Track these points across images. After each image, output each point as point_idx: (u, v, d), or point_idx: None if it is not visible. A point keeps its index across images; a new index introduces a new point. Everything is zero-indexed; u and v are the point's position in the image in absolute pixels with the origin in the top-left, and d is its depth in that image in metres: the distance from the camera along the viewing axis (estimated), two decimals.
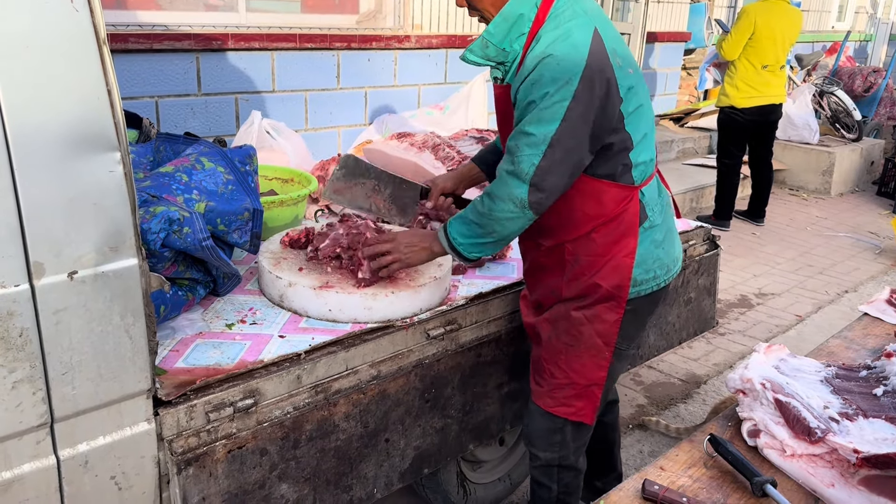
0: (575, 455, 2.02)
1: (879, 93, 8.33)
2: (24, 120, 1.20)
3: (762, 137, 5.77)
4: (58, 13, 1.20)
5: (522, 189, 1.69)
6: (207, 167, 1.94)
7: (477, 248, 1.81)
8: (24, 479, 1.32)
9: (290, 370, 1.67)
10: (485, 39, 1.74)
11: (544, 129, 1.65)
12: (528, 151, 1.67)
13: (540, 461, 2.02)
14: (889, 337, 2.15)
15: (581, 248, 1.84)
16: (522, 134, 1.68)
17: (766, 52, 5.43)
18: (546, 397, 1.94)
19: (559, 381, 1.91)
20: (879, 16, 12.27)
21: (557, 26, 1.68)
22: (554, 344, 1.90)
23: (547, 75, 1.63)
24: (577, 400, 1.91)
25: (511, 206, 1.71)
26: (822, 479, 1.46)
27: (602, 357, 1.87)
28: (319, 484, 1.76)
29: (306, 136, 4.37)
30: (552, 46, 1.65)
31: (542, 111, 1.65)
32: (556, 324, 1.90)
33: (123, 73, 3.74)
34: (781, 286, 5.00)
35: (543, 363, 1.93)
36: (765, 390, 1.59)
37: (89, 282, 1.31)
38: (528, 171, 1.68)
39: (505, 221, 1.74)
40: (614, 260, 1.83)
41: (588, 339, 1.86)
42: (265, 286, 2.00)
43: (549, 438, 1.98)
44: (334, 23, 4.77)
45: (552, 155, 1.66)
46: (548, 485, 2.06)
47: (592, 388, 1.90)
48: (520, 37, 1.72)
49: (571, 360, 1.88)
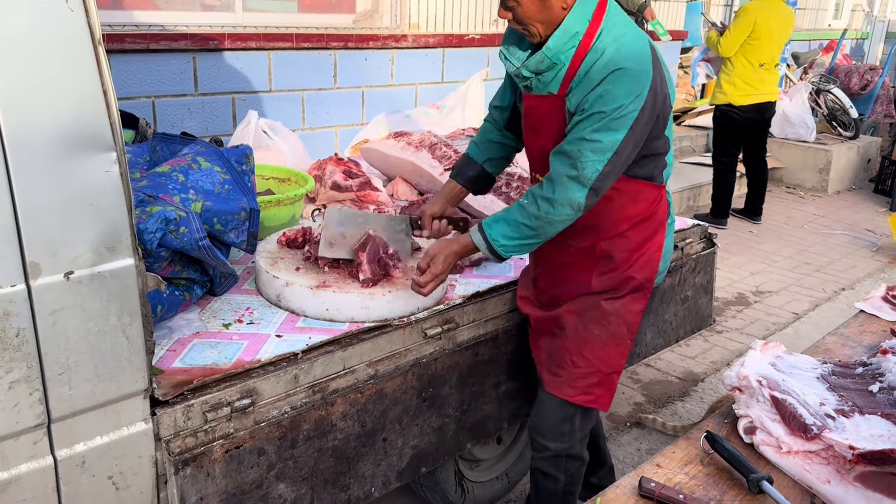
0: (581, 444, 2.08)
1: (876, 90, 8.34)
2: (20, 120, 1.19)
3: (757, 135, 5.80)
4: (53, 14, 1.20)
5: (582, 193, 1.74)
6: (204, 167, 1.94)
7: (520, 249, 1.86)
8: (21, 479, 1.32)
9: (287, 370, 1.67)
10: (544, 55, 1.77)
11: (612, 136, 1.70)
12: (594, 157, 1.71)
13: (549, 451, 2.06)
14: (885, 334, 2.16)
15: (616, 245, 1.93)
16: (587, 141, 1.72)
17: (763, 50, 5.46)
18: (566, 387, 1.98)
19: (582, 370, 1.96)
20: (876, 14, 12.29)
21: (616, 38, 1.73)
22: (580, 334, 1.96)
23: (621, 88, 1.68)
24: (597, 388, 1.97)
25: (569, 209, 1.76)
26: (819, 475, 1.47)
27: (624, 345, 1.97)
28: (317, 483, 1.76)
29: (303, 136, 4.37)
30: (620, 60, 1.70)
31: (613, 120, 1.69)
32: (584, 314, 1.96)
33: (120, 73, 3.73)
34: (779, 284, 5.01)
35: (566, 353, 1.97)
36: (761, 387, 1.59)
37: (86, 282, 1.31)
38: (592, 177, 1.72)
39: (559, 224, 1.79)
40: (646, 255, 1.94)
41: (615, 329, 1.94)
42: (262, 286, 2.00)
43: (559, 428, 2.03)
44: (331, 22, 4.76)
45: (615, 161, 1.73)
46: (555, 475, 2.09)
47: (613, 375, 1.99)
48: (570, 49, 1.76)
49: (596, 349, 1.95)
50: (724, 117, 5.67)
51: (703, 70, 8.33)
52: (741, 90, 5.51)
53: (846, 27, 10.32)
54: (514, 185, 2.68)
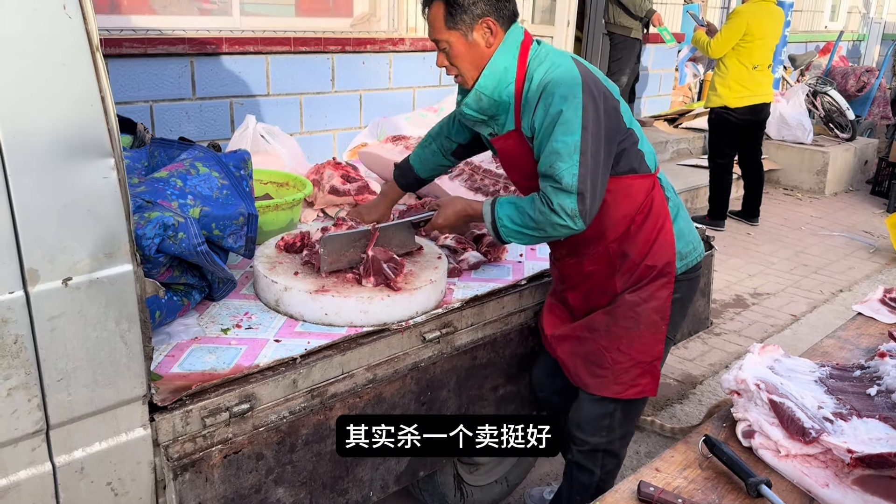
0: (620, 442, 2.12)
1: (872, 92, 8.37)
2: (18, 127, 1.20)
3: (752, 136, 5.81)
4: (50, 19, 1.20)
5: (571, 199, 1.81)
6: (202, 172, 1.94)
7: (519, 236, 1.95)
8: (20, 485, 1.32)
9: (285, 374, 1.67)
10: (478, 93, 1.92)
11: (570, 139, 1.79)
12: (564, 165, 1.80)
13: (588, 445, 2.10)
14: (883, 336, 2.16)
15: (626, 243, 1.98)
16: (553, 153, 1.82)
17: (756, 52, 5.47)
18: (612, 384, 2.02)
19: (623, 364, 2.00)
20: (872, 15, 12.31)
21: (541, 62, 1.88)
22: (613, 331, 2.00)
23: (554, 96, 1.81)
24: (642, 378, 2.02)
25: (564, 216, 1.83)
26: (817, 479, 1.47)
27: (660, 331, 2.01)
28: (316, 488, 1.76)
29: (301, 140, 4.37)
30: (547, 75, 1.84)
31: (560, 125, 1.80)
32: (613, 311, 2.00)
33: (118, 78, 3.74)
34: (776, 286, 5.02)
35: (604, 352, 2.01)
36: (759, 391, 1.59)
37: (84, 288, 1.31)
38: (572, 182, 1.79)
39: (559, 227, 1.85)
40: (658, 241, 1.99)
41: (646, 318, 1.99)
42: (261, 291, 2.00)
43: (598, 423, 2.07)
44: (328, 26, 4.77)
45: (586, 161, 1.80)
46: (591, 469, 2.13)
47: (655, 362, 2.03)
48: (507, 86, 1.91)
49: (633, 341, 2.00)
50: (720, 119, 5.68)
51: (691, 70, 8.36)
52: (736, 92, 5.52)
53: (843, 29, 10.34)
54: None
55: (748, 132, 5.74)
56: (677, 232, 2.02)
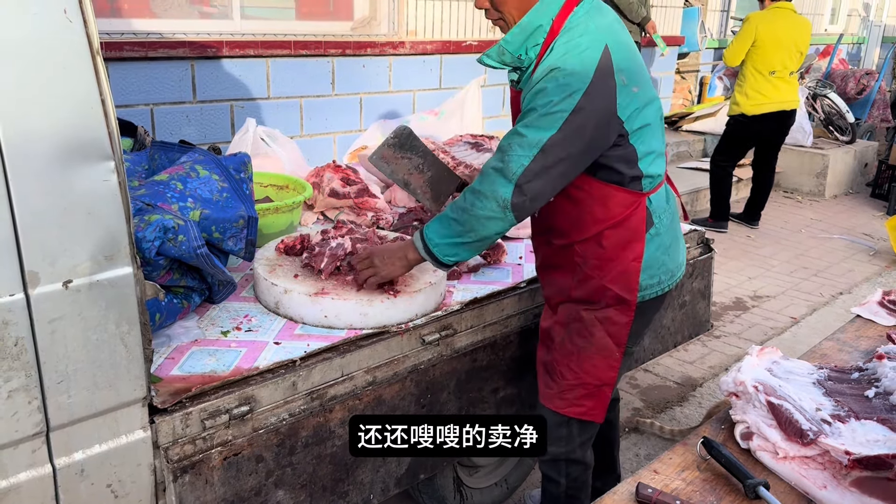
0: (581, 449, 2.06)
1: (872, 95, 8.37)
2: (18, 130, 1.20)
3: (771, 143, 5.78)
4: (51, 23, 1.21)
5: (508, 189, 1.71)
6: (202, 175, 1.95)
7: (453, 248, 1.81)
8: (20, 488, 1.33)
9: (285, 377, 1.67)
10: (501, 47, 1.78)
11: (539, 134, 1.68)
12: (520, 152, 1.70)
13: (548, 455, 2.06)
14: (881, 339, 2.16)
15: (589, 250, 1.88)
16: (517, 134, 1.72)
17: (771, 58, 5.44)
18: (556, 399, 1.98)
19: (570, 381, 1.95)
20: (872, 18, 12.33)
21: (569, 40, 1.71)
22: (567, 346, 1.95)
23: (552, 86, 1.67)
24: (587, 400, 1.95)
25: (494, 204, 1.73)
26: (815, 480, 1.47)
27: (613, 358, 1.92)
28: (315, 490, 1.76)
29: (301, 143, 4.38)
30: (562, 59, 1.68)
31: (541, 117, 1.68)
32: (569, 326, 1.94)
33: (118, 81, 3.74)
34: (776, 288, 5.02)
35: (556, 365, 1.97)
36: (757, 393, 1.60)
37: (84, 290, 1.31)
38: (517, 171, 1.70)
39: (485, 220, 1.75)
40: (622, 264, 1.86)
41: (600, 341, 1.91)
42: (261, 293, 2.01)
43: (555, 433, 2.01)
44: (329, 30, 4.78)
45: (542, 160, 1.69)
46: (556, 479, 2.10)
47: (603, 388, 1.95)
48: (535, 46, 1.76)
49: (583, 362, 1.93)
50: (736, 127, 5.66)
51: (723, 83, 8.39)
52: (753, 100, 5.49)
53: (842, 32, 10.36)
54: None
55: (768, 138, 5.71)
56: (646, 260, 1.87)
